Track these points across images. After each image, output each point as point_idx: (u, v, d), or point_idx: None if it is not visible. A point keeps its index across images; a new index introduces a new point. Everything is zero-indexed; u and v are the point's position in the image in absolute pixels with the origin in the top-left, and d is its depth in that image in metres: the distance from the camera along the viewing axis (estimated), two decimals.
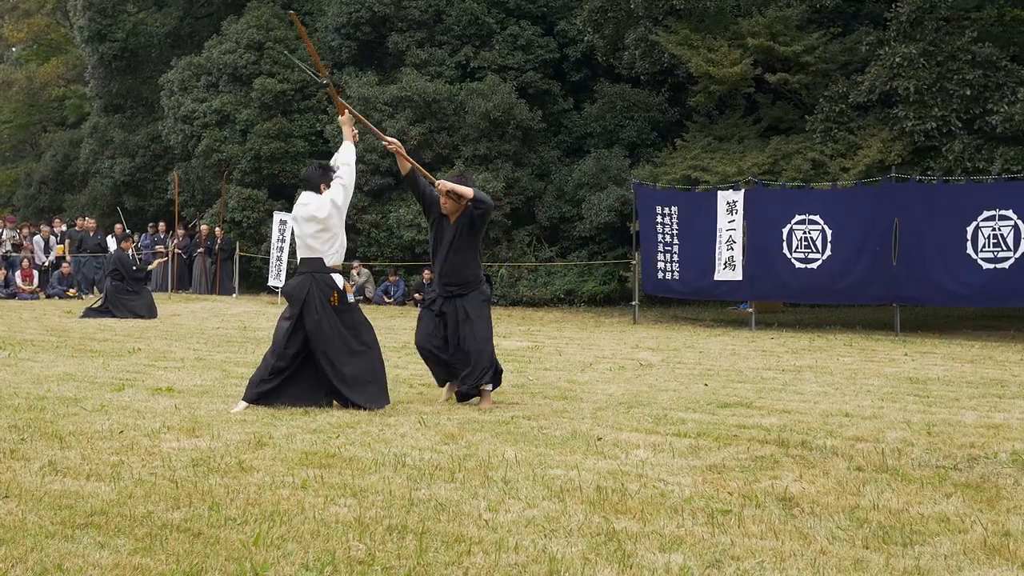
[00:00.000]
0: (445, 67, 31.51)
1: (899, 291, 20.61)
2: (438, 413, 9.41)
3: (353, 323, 9.82)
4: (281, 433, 8.16)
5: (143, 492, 6.20)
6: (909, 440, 8.21)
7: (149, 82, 37.93)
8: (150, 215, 38.04)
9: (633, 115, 30.46)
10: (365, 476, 6.67)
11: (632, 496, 6.20)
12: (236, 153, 32.27)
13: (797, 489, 6.41)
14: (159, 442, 7.76)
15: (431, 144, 30.38)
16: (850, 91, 23.64)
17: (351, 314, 9.85)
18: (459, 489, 6.36)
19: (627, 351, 16.36)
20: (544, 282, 29.15)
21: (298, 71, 32.19)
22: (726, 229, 22.20)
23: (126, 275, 23.03)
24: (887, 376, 13.10)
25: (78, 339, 17.00)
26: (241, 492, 6.21)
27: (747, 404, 10.20)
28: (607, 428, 8.63)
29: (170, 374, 12.30)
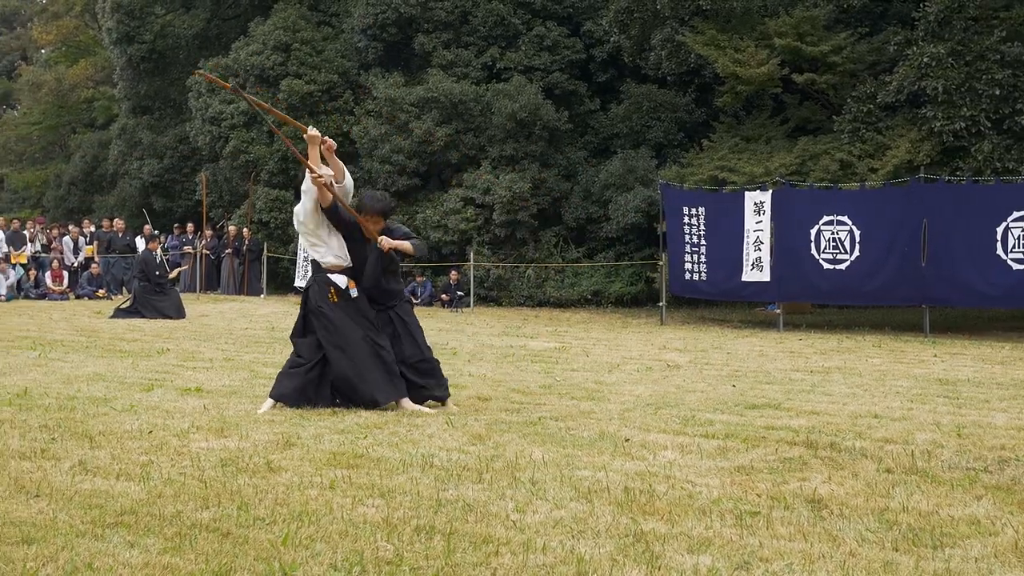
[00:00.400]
0: (471, 68, 31.52)
1: (928, 292, 20.52)
2: (465, 414, 9.41)
3: (355, 318, 9.77)
4: (309, 433, 8.18)
5: (172, 492, 6.22)
6: (939, 442, 8.18)
7: (177, 83, 38.05)
8: (178, 216, 38.18)
9: (660, 116, 30.40)
10: (393, 477, 6.68)
11: (660, 497, 6.20)
12: (263, 154, 32.35)
13: (826, 491, 6.39)
14: (188, 442, 7.79)
15: (457, 145, 30.39)
16: (878, 91, 23.54)
17: (353, 309, 9.79)
18: (487, 490, 6.36)
19: (654, 352, 16.34)
20: (571, 283, 29.14)
21: (325, 72, 32.27)
22: (753, 230, 22.14)
23: (150, 277, 23.13)
24: (916, 377, 13.04)
25: (108, 339, 17.07)
26: (269, 492, 6.23)
27: (775, 405, 10.17)
28: (635, 429, 8.62)
29: (199, 374, 12.34)
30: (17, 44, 62.53)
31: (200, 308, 25.66)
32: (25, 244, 31.45)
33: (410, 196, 31.34)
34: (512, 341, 18.06)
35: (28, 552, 5.06)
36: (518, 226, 29.52)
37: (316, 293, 9.80)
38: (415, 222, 30.44)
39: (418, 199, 31.27)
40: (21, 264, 30.56)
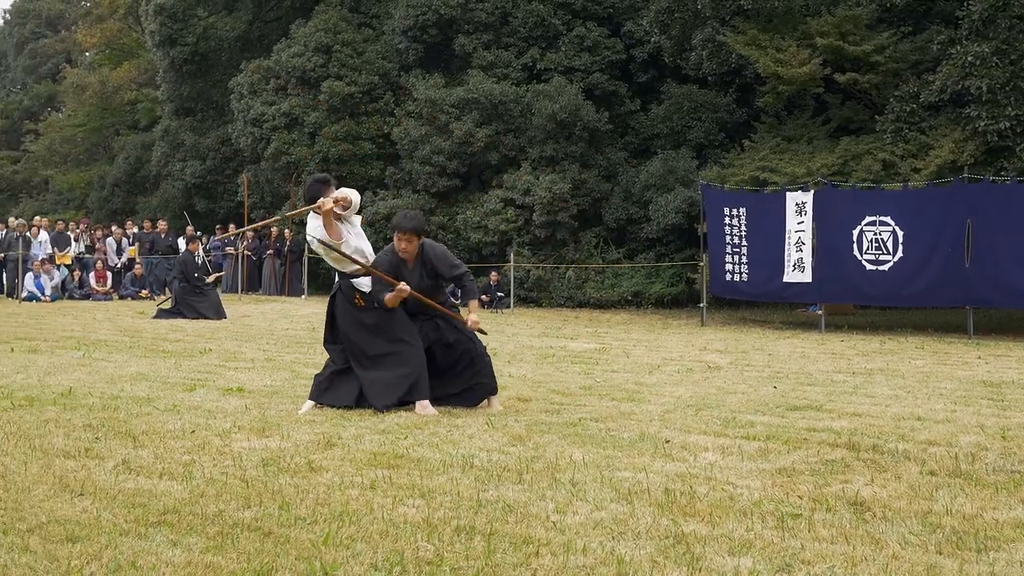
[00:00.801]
0: (511, 69, 31.54)
1: (972, 293, 20.36)
2: (505, 414, 9.41)
3: (383, 326, 9.76)
4: (350, 434, 8.20)
5: (214, 491, 6.25)
6: (983, 444, 8.12)
7: (219, 85, 38.24)
8: (220, 217, 38.38)
9: (700, 116, 30.34)
10: (433, 477, 6.69)
11: (701, 499, 6.18)
12: (304, 155, 32.46)
13: (868, 493, 6.36)
14: (230, 442, 7.83)
15: (497, 146, 30.42)
16: (921, 91, 23.37)
17: (379, 317, 9.77)
18: (527, 491, 6.35)
19: (695, 353, 16.29)
20: (611, 284, 29.10)
21: (365, 73, 32.35)
22: (795, 230, 22.05)
23: (189, 278, 23.27)
24: (960, 379, 12.95)
25: (150, 340, 17.17)
26: (311, 492, 6.25)
27: (817, 407, 10.12)
28: (675, 431, 8.60)
29: (241, 375, 12.40)
30: (62, 47, 63.04)
31: (242, 309, 25.78)
32: (69, 245, 31.71)
33: (450, 197, 31.40)
34: (552, 342, 18.06)
35: (72, 550, 5.10)
36: (558, 227, 29.51)
37: (341, 300, 9.84)
38: (455, 223, 30.50)
39: (458, 200, 31.32)
40: (66, 265, 30.80)
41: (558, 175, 29.24)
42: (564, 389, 11.32)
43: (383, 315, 9.73)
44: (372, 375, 9.60)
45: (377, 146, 32.59)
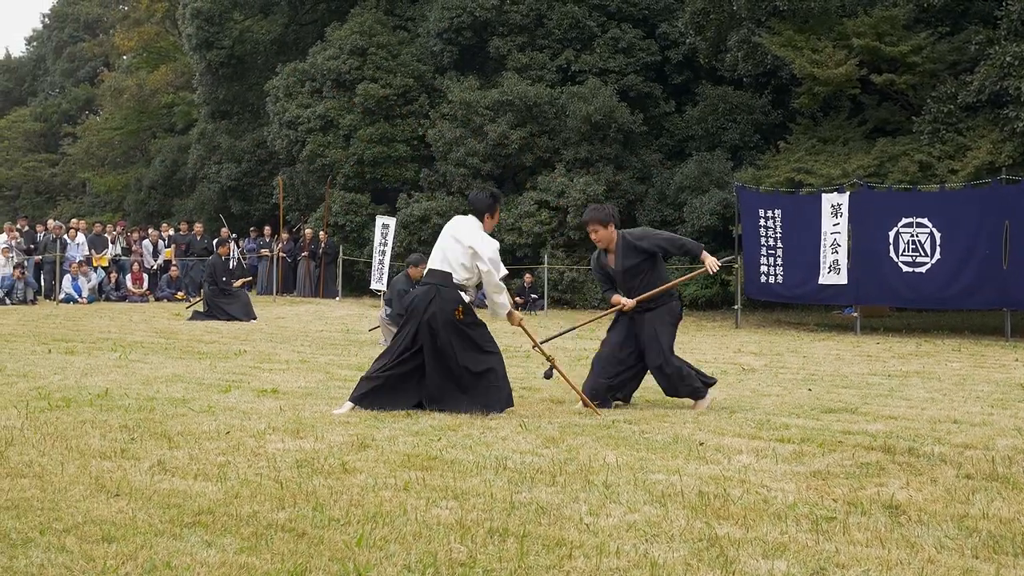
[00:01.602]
0: (546, 71, 31.54)
1: (1010, 295, 20.21)
2: (539, 416, 9.42)
3: (476, 339, 9.81)
4: (384, 435, 8.21)
5: (249, 492, 6.27)
6: (1020, 448, 8.06)
7: (255, 88, 38.41)
8: (255, 219, 38.51)
9: (736, 117, 30.27)
10: (466, 479, 6.69)
11: (735, 502, 6.16)
12: (339, 158, 32.52)
13: (904, 497, 6.33)
14: (264, 443, 7.85)
15: (532, 148, 30.43)
16: (959, 91, 23.24)
17: (475, 329, 9.83)
18: (560, 493, 6.35)
19: (729, 355, 16.26)
20: None
21: (400, 76, 32.39)
22: (831, 232, 21.96)
23: (217, 281, 23.35)
24: (997, 382, 12.88)
25: (186, 341, 17.25)
26: (344, 493, 6.26)
27: (852, 410, 10.09)
28: (709, 433, 8.58)
29: (275, 376, 12.43)
30: (100, 51, 63.43)
31: (276, 310, 25.87)
32: (107, 247, 31.88)
33: None
34: (586, 344, 18.03)
35: (108, 550, 5.12)
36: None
37: (438, 306, 9.69)
38: None
39: None
40: (102, 267, 30.97)
41: (592, 177, 29.23)
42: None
43: (478, 332, 9.88)
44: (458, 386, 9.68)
45: (412, 148, 32.63)
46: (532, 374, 13.03)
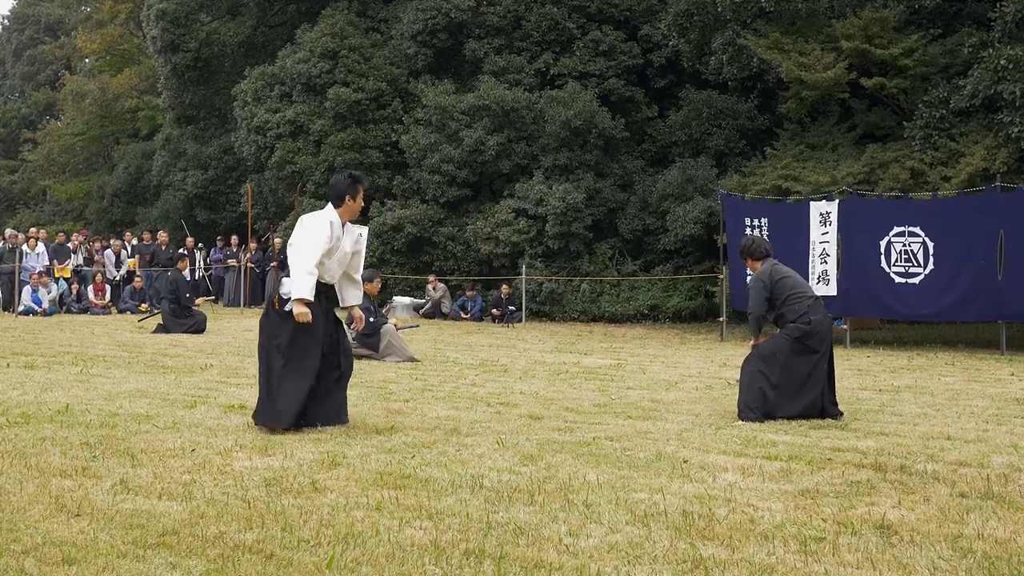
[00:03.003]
0: (524, 74, 31.54)
1: (1005, 307, 20.21)
2: (517, 433, 9.41)
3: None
4: (355, 453, 8.20)
5: (215, 512, 6.26)
6: (1016, 465, 8.09)
7: (222, 93, 38.36)
8: (222, 228, 38.44)
9: (720, 123, 30.33)
10: (441, 498, 6.69)
11: (720, 522, 6.16)
12: (310, 164, 32.48)
13: (896, 516, 6.34)
14: (231, 461, 7.84)
15: (509, 154, 30.42)
16: (951, 96, 23.30)
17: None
18: (539, 512, 6.35)
19: (714, 369, 16.28)
20: (627, 297, 29.06)
21: (373, 80, 32.37)
22: (819, 242, 22.00)
23: (180, 299, 23.13)
24: (992, 397, 12.92)
25: (150, 355, 17.19)
26: (314, 513, 6.25)
27: (842, 426, 10.11)
28: (693, 450, 8.59)
29: (243, 391, 12.40)
30: (61, 53, 63.35)
31: (244, 323, 25.80)
32: (68, 257, 31.75)
33: (460, 207, 31.41)
34: (565, 358, 18.05)
35: (68, 573, 5.11)
36: (572, 238, 29.47)
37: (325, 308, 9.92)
38: (465, 234, 30.50)
39: (468, 210, 31.33)
40: (64, 278, 30.84)
41: (572, 184, 29.22)
42: (578, 407, 11.31)
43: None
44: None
45: (384, 155, 32.61)
46: (509, 389, 13.03)
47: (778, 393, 10.53)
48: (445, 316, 29.28)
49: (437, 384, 13.61)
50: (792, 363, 10.67)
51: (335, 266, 9.75)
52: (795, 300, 10.94)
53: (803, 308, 10.87)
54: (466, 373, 15.13)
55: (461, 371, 15.42)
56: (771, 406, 10.45)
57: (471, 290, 29.65)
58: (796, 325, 10.83)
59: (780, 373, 10.59)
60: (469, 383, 13.83)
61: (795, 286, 11.10)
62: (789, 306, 10.93)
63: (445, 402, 11.66)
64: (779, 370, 10.61)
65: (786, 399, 10.53)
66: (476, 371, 15.43)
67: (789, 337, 10.81)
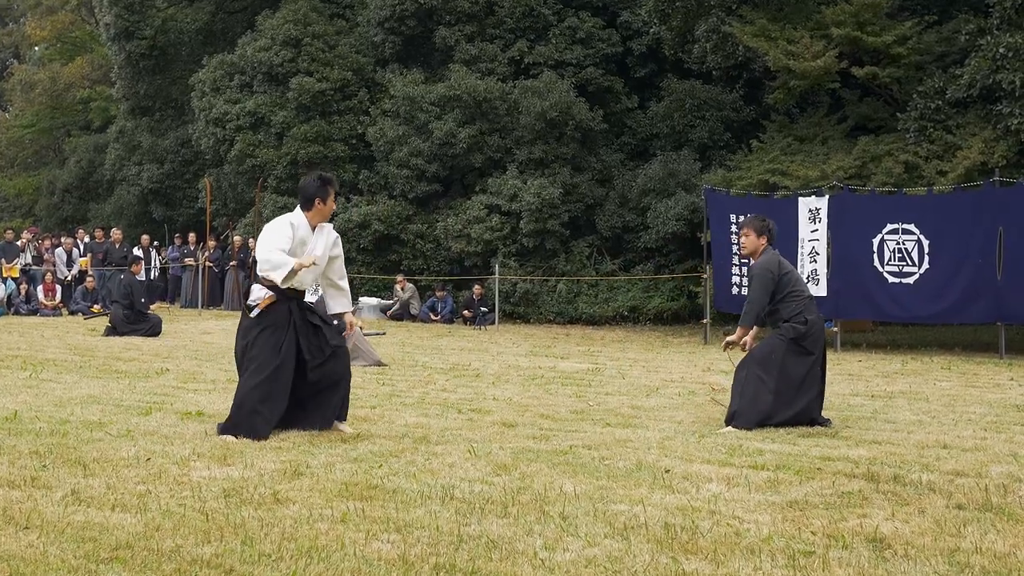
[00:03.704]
0: (497, 63, 31.53)
1: (1005, 308, 20.20)
2: (489, 441, 9.40)
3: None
4: (319, 462, 8.19)
5: (171, 524, 6.24)
6: (1016, 475, 8.11)
7: (179, 82, 38.23)
8: (179, 225, 38.32)
9: (704, 114, 30.37)
10: (410, 510, 6.68)
11: (704, 535, 6.17)
12: (271, 158, 32.42)
13: (889, 529, 6.35)
14: (188, 471, 7.81)
15: (481, 147, 30.40)
16: (947, 86, 23.32)
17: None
18: (512, 525, 6.34)
19: (697, 374, 16.30)
20: (605, 298, 29.07)
21: (338, 69, 32.31)
22: (808, 239, 22.02)
23: (135, 304, 22.99)
24: (991, 403, 12.96)
25: (103, 359, 17.14)
26: (276, 526, 6.23)
27: (832, 434, 10.14)
28: (676, 459, 8.59)
29: (200, 397, 12.38)
30: (9, 41, 63.02)
31: (202, 325, 25.76)
32: (16, 256, 31.59)
33: (430, 203, 31.40)
34: (541, 362, 18.06)
35: None
36: (547, 236, 29.47)
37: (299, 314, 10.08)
38: (435, 232, 30.48)
39: (438, 206, 31.32)
40: (12, 277, 30.69)
41: (548, 179, 29.21)
42: (554, 413, 11.32)
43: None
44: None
45: (350, 148, 32.56)
46: (482, 395, 13.02)
47: (776, 399, 10.52)
48: (414, 318, 29.26)
49: (405, 390, 13.60)
50: (788, 366, 10.67)
51: (307, 275, 9.74)
52: (794, 297, 10.96)
53: (800, 307, 10.89)
54: (436, 378, 15.13)
55: (431, 376, 15.41)
56: (767, 414, 10.44)
57: (441, 290, 29.64)
58: (792, 325, 10.83)
59: (778, 376, 10.57)
60: (439, 388, 13.82)
61: (796, 282, 11.17)
62: (786, 303, 10.94)
63: (414, 409, 11.65)
64: (777, 373, 10.59)
65: (782, 404, 10.52)
66: (447, 376, 15.42)
67: (785, 338, 10.80)
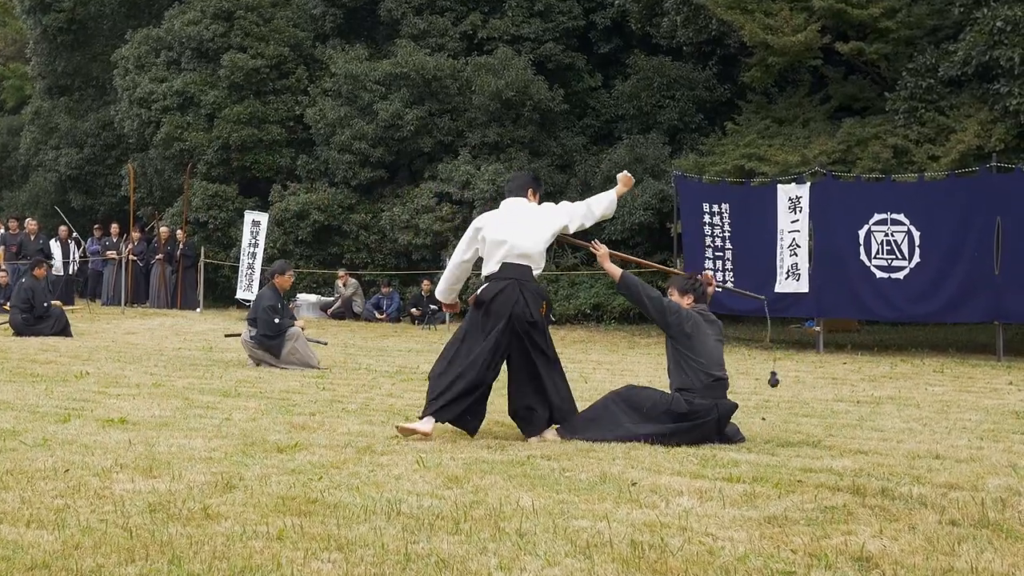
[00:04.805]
0: (448, 38, 31.51)
1: (1003, 306, 20.27)
2: (439, 451, 9.40)
3: (550, 339, 10.64)
4: (253, 474, 8.16)
5: (92, 542, 6.20)
6: (1015, 488, 8.14)
7: (100, 59, 38.06)
8: (101, 215, 38.16)
9: (674, 94, 30.42)
10: (353, 526, 6.66)
11: (673, 553, 6.17)
12: (201, 142, 32.31)
13: (876, 547, 6.37)
14: (111, 483, 7.77)
15: (431, 130, 30.40)
16: (940, 63, 23.39)
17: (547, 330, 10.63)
18: (465, 543, 6.34)
19: (666, 378, 16.30)
20: (567, 295, 29.06)
21: (274, 44, 32.21)
22: (788, 231, 22.03)
23: (35, 309, 22.78)
24: (987, 410, 13.03)
25: (16, 361, 17.04)
26: (206, 543, 6.21)
27: (814, 443, 10.16)
28: (643, 471, 8.60)
29: (123, 403, 12.32)
30: None
31: (125, 324, 25.66)
32: None
33: (374, 191, 31.37)
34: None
35: None
36: None
37: (523, 306, 10.30)
38: (380, 222, 30.44)
39: (384, 195, 31.29)
40: None
41: (503, 164, 29.21)
42: (510, 421, 11.30)
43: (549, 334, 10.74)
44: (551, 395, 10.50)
45: (287, 131, 32.51)
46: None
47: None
48: (357, 316, 29.23)
49: (348, 395, 13.59)
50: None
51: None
52: (689, 368, 10.71)
53: (694, 381, 10.63)
54: (381, 382, 15.12)
55: (375, 380, 15.39)
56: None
57: (387, 286, 29.62)
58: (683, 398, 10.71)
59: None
60: (385, 393, 13.82)
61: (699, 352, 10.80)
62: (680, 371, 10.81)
63: (357, 416, 11.65)
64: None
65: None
66: (393, 380, 15.42)
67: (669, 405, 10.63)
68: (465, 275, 11.47)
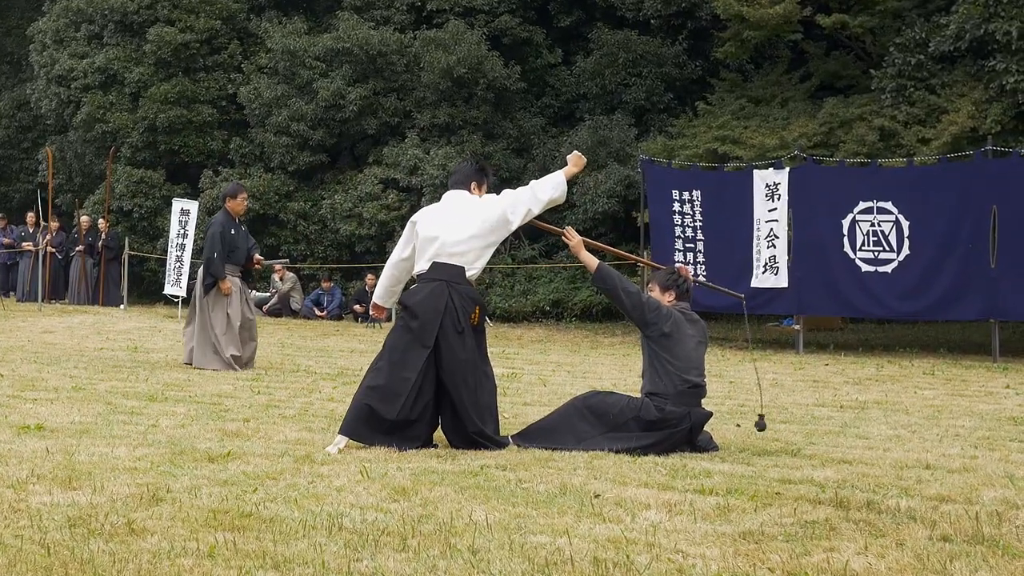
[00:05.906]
0: (394, 10, 31.51)
1: (999, 302, 20.30)
2: (384, 460, 9.39)
3: (483, 347, 10.49)
4: (182, 485, 8.14)
5: (6, 560, 6.18)
6: (1012, 501, 8.17)
7: (15, 33, 38.01)
8: (16, 204, 38.07)
9: (640, 71, 30.44)
10: (290, 542, 6.65)
11: (640, 572, 6.19)
12: (125, 123, 32.22)
13: (861, 565, 6.39)
14: (26, 495, 7.74)
15: (376, 110, 30.38)
16: (931, 37, 23.41)
17: (483, 336, 10.51)
18: (412, 560, 6.33)
19: (634, 380, 16.31)
20: (524, 290, 29.06)
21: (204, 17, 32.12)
22: (765, 220, 22.06)
23: None
24: (982, 415, 13.09)
25: None
26: (131, 561, 6.19)
27: (793, 451, 10.19)
28: (607, 482, 8.61)
29: (40, 408, 12.27)
30: None
31: (42, 322, 25.56)
32: None
33: (314, 177, 31.36)
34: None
35: None
36: None
37: (455, 307, 10.25)
38: (320, 211, 30.40)
39: (324, 181, 31.29)
40: None
41: (454, 148, 29.22)
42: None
43: (484, 340, 10.66)
44: (478, 403, 10.30)
45: (219, 111, 32.46)
46: None
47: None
48: (295, 313, 29.20)
49: (285, 399, 13.57)
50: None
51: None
52: (665, 372, 10.75)
53: (668, 386, 10.65)
54: (321, 385, 15.10)
55: (315, 383, 15.38)
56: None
57: (328, 281, 29.60)
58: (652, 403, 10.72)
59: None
60: (325, 398, 13.80)
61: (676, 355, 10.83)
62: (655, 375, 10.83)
63: (295, 422, 11.62)
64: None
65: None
66: (334, 382, 15.40)
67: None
68: (405, 275, 11.20)
